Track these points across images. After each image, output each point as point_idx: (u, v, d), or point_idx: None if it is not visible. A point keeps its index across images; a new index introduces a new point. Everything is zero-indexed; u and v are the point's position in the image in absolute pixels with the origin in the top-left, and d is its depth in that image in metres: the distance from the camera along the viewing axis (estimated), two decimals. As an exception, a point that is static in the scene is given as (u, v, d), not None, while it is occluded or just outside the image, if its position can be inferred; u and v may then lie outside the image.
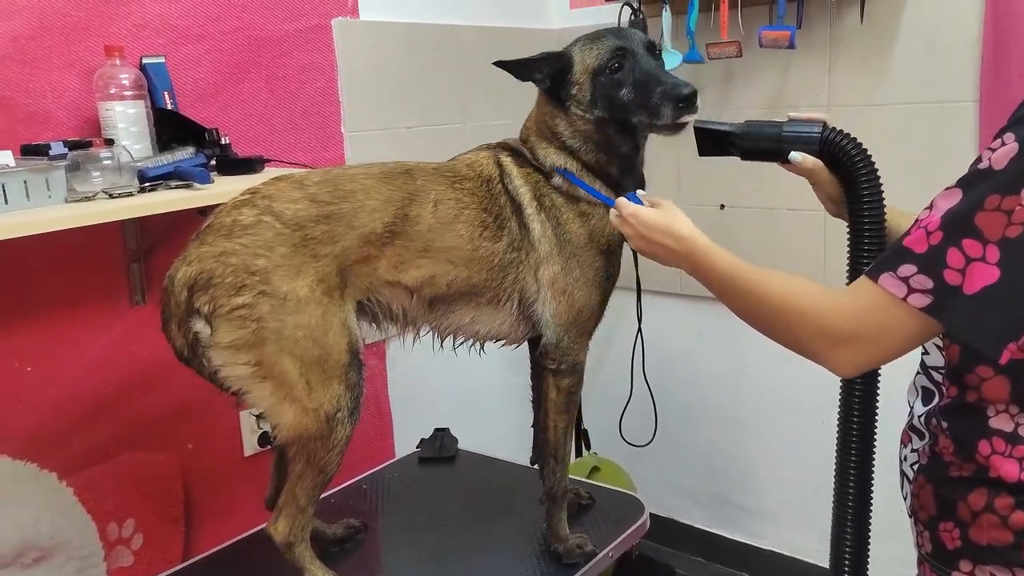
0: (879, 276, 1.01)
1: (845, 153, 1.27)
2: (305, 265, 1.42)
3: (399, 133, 2.42)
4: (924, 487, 1.14)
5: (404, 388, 2.52)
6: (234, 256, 1.39)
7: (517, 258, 1.59)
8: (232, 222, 1.42)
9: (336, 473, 1.50)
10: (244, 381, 1.42)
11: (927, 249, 0.97)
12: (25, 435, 1.74)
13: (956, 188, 0.99)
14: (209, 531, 2.06)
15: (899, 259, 0.99)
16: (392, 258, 1.51)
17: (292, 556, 1.52)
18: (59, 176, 1.53)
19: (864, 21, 2.31)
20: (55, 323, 1.77)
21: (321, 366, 1.42)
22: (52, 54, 1.72)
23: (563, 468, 1.69)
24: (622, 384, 2.89)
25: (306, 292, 1.41)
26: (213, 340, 1.40)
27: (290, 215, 1.43)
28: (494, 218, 1.58)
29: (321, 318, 1.42)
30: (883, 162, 2.54)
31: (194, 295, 1.39)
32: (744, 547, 2.90)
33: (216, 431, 2.08)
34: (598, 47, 1.56)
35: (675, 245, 1.29)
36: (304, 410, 1.43)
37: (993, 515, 1.04)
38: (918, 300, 0.97)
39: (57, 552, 1.80)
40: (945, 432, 1.10)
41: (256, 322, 1.38)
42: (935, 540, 1.12)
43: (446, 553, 1.68)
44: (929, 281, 0.96)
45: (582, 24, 2.82)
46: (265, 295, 1.39)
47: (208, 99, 1.98)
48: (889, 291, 0.99)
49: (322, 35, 2.22)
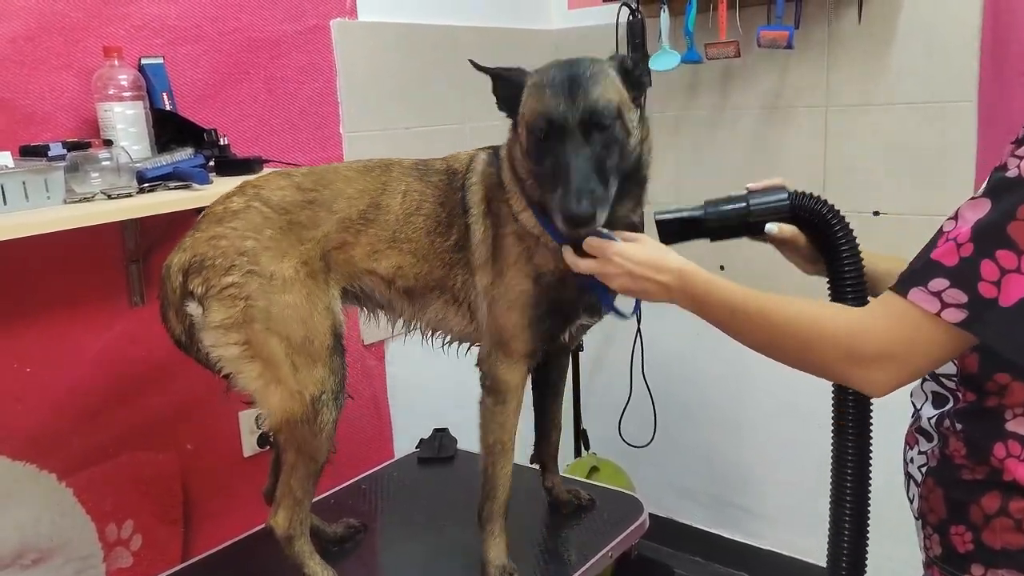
0: (908, 291, 0.98)
1: (818, 215, 1.28)
2: (291, 248, 1.49)
3: (398, 134, 2.42)
4: (934, 490, 1.12)
5: (403, 388, 2.52)
6: (224, 239, 1.46)
7: (462, 258, 1.55)
8: (223, 209, 1.51)
9: (326, 461, 1.53)
10: (234, 362, 1.46)
11: (958, 262, 0.95)
12: (24, 435, 1.74)
13: (983, 198, 0.96)
14: (208, 532, 2.06)
15: (929, 273, 0.97)
16: (366, 246, 1.54)
17: (292, 551, 1.55)
18: (58, 177, 1.53)
19: (862, 21, 2.32)
20: (54, 324, 1.77)
21: (306, 348, 1.47)
22: (51, 55, 1.72)
23: (489, 487, 1.57)
24: (621, 385, 2.89)
25: (291, 273, 1.47)
26: (205, 320, 1.45)
27: (277, 200, 1.51)
28: (447, 214, 1.56)
29: (306, 299, 1.48)
30: (882, 162, 2.55)
31: (189, 278, 1.46)
32: (743, 547, 2.90)
33: (215, 432, 2.08)
34: (536, 102, 1.37)
35: (669, 280, 1.26)
36: (290, 393, 1.47)
37: (1007, 518, 1.03)
38: (952, 315, 0.95)
39: (56, 553, 1.80)
40: (958, 434, 1.09)
41: (245, 300, 1.44)
42: (945, 543, 1.10)
43: (445, 553, 1.68)
44: (963, 295, 0.94)
45: (581, 24, 2.84)
46: (253, 274, 1.45)
47: (207, 100, 1.98)
48: (921, 307, 0.97)
49: (321, 36, 2.22)
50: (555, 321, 1.52)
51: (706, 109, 2.68)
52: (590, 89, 1.34)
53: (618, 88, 1.38)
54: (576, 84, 1.34)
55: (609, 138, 1.35)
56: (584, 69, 1.36)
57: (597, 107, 1.33)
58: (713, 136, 2.67)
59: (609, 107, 1.34)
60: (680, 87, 2.69)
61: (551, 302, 1.49)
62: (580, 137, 1.33)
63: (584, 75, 1.35)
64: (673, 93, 2.70)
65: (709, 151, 2.68)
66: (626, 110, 1.38)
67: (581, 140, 1.33)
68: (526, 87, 1.41)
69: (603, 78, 1.36)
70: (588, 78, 1.34)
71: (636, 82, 1.42)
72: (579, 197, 1.28)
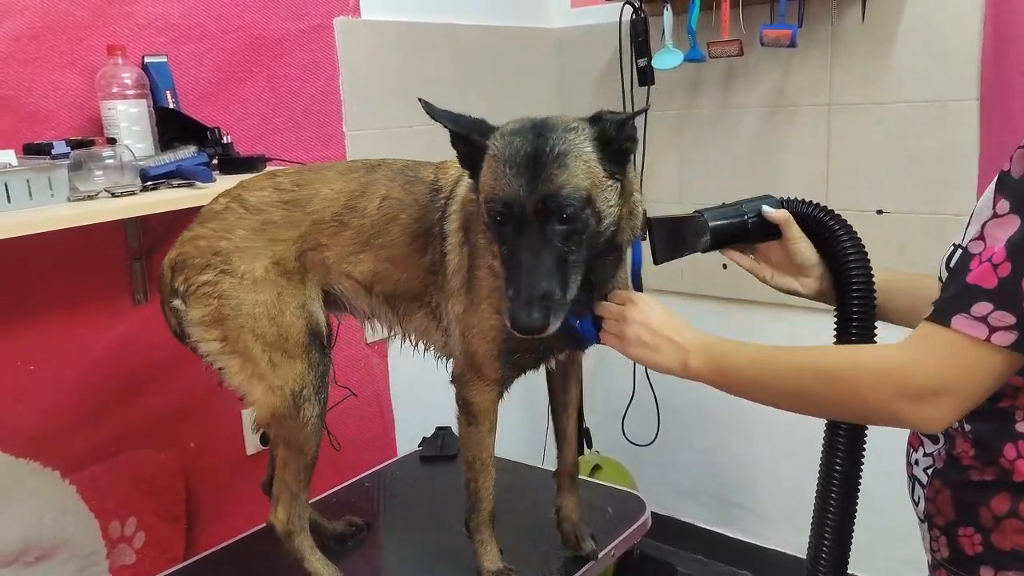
0: (951, 320, 0.95)
1: (813, 218, 1.27)
2: (263, 248, 1.50)
3: (400, 132, 2.42)
4: (941, 491, 1.10)
5: (405, 387, 2.53)
6: (203, 239, 1.51)
7: (436, 281, 1.50)
8: (208, 210, 1.55)
9: (316, 454, 1.55)
10: (216, 357, 1.51)
11: (998, 283, 0.92)
12: (28, 433, 1.74)
13: (1011, 215, 0.93)
14: (211, 530, 2.06)
15: (969, 298, 0.94)
16: (340, 248, 1.53)
17: (292, 546, 1.57)
18: (62, 175, 1.53)
19: (865, 20, 2.31)
20: (57, 322, 1.78)
21: (282, 345, 1.49)
22: (55, 53, 1.72)
23: (473, 500, 1.54)
24: (625, 383, 2.89)
25: (261, 273, 1.49)
26: (187, 317, 1.50)
27: (253, 201, 1.53)
28: (423, 232, 1.49)
29: (276, 298, 1.49)
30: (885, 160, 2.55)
31: (175, 275, 1.51)
32: (745, 546, 2.90)
33: (218, 430, 2.09)
34: (493, 179, 1.20)
35: (689, 341, 1.20)
36: (271, 388, 1.49)
37: (1017, 520, 1.02)
38: (1003, 338, 0.92)
39: (59, 550, 1.80)
40: (966, 435, 1.07)
41: (218, 299, 1.48)
42: (953, 545, 1.09)
43: (447, 551, 1.68)
44: (1010, 316, 0.91)
45: (584, 22, 2.84)
46: (225, 273, 1.49)
47: (210, 98, 1.98)
48: (969, 334, 0.94)
49: (324, 34, 2.22)
50: (527, 355, 1.44)
51: (709, 108, 2.68)
52: (553, 173, 1.15)
53: (589, 169, 1.19)
54: (539, 164, 1.16)
55: (574, 230, 1.17)
56: (552, 142, 1.17)
57: (560, 195, 1.15)
58: (716, 135, 2.67)
59: (575, 194, 1.16)
60: (683, 86, 2.69)
61: (522, 340, 1.33)
62: (536, 230, 1.16)
63: (551, 152, 1.16)
64: (676, 92, 2.70)
65: (712, 150, 2.68)
66: (599, 192, 1.20)
67: (538, 234, 1.16)
68: (486, 155, 1.23)
69: (572, 157, 1.17)
70: (554, 157, 1.16)
71: (617, 153, 1.22)
72: (529, 305, 1.14)
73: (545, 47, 2.91)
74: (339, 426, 2.20)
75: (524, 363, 1.46)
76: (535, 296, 1.14)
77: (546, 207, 1.15)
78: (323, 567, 1.58)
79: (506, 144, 1.20)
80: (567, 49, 2.93)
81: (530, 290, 1.14)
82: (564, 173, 1.16)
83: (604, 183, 1.20)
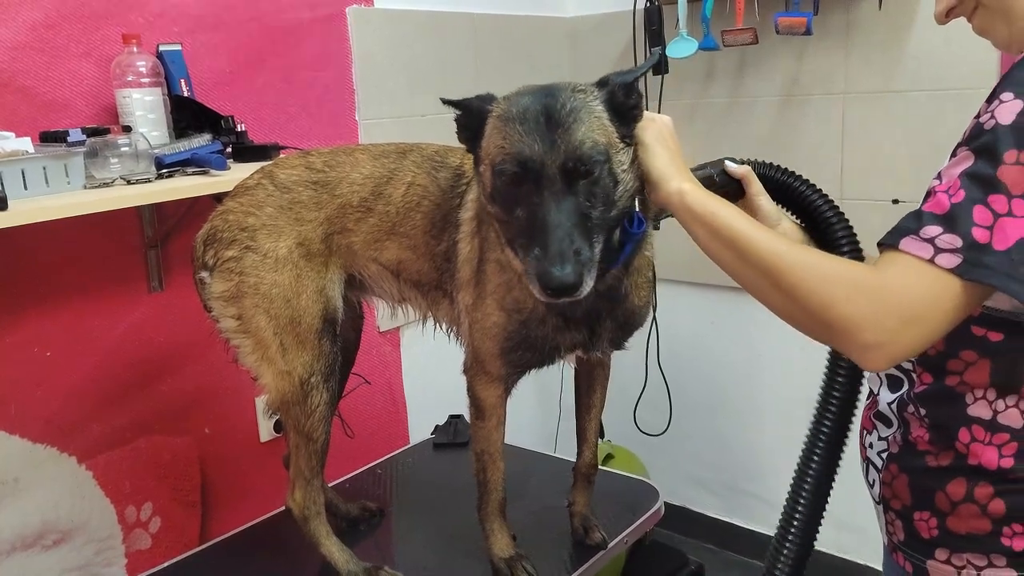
0: (900, 241, 0.93)
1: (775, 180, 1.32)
2: (289, 227, 1.50)
3: (413, 121, 2.43)
4: (897, 476, 1.12)
5: (419, 375, 2.54)
6: (231, 214, 1.51)
7: (449, 269, 1.47)
8: (241, 185, 1.56)
9: (326, 442, 1.56)
10: (232, 334, 1.52)
11: (950, 207, 0.90)
12: (45, 419, 1.76)
13: (966, 152, 0.94)
14: (226, 515, 2.08)
15: (921, 222, 0.92)
16: (367, 234, 1.53)
17: (308, 530, 1.58)
18: (77, 162, 1.55)
19: (882, 6, 2.29)
20: (73, 309, 1.80)
21: (294, 329, 1.48)
22: (71, 42, 1.73)
23: (482, 490, 1.54)
24: (637, 373, 2.89)
25: (284, 252, 1.49)
26: (210, 290, 1.51)
27: (283, 178, 1.53)
28: (441, 219, 1.47)
29: (295, 280, 1.49)
30: (901, 149, 2.52)
31: (206, 249, 1.52)
32: (757, 535, 2.89)
33: (233, 416, 2.10)
34: (503, 139, 1.14)
35: (691, 174, 1.14)
36: (279, 372, 1.50)
37: (973, 504, 1.03)
38: (947, 260, 0.89)
39: (76, 534, 1.83)
40: (922, 420, 1.08)
41: (239, 275, 1.48)
42: (909, 529, 1.10)
43: (460, 538, 1.69)
44: (958, 239, 0.90)
45: (598, 11, 2.83)
46: (249, 250, 1.49)
47: (224, 87, 1.99)
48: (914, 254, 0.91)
49: (337, 23, 2.23)
50: (532, 355, 1.39)
51: (723, 96, 2.66)
52: (572, 127, 1.11)
53: (605, 126, 1.14)
54: (554, 119, 1.11)
55: (595, 187, 1.12)
56: (564, 100, 1.12)
57: (582, 149, 1.10)
58: (729, 124, 2.66)
59: (596, 149, 1.11)
60: (697, 74, 2.67)
61: (524, 338, 1.36)
62: (561, 185, 1.10)
63: (564, 108, 1.11)
64: (690, 80, 2.69)
65: (725, 139, 2.67)
66: (614, 153, 1.14)
67: (563, 189, 1.10)
68: (489, 117, 1.18)
69: (587, 113, 1.13)
70: (568, 112, 1.11)
71: (628, 115, 1.17)
72: (562, 260, 1.05)
73: (559, 35, 2.90)
74: (352, 413, 2.21)
75: (527, 362, 1.41)
76: (566, 252, 1.06)
77: (567, 161, 1.10)
78: (338, 551, 1.59)
79: (513, 104, 1.15)
80: (581, 37, 2.92)
81: (560, 246, 1.06)
82: (582, 127, 1.11)
83: (617, 144, 1.15)
